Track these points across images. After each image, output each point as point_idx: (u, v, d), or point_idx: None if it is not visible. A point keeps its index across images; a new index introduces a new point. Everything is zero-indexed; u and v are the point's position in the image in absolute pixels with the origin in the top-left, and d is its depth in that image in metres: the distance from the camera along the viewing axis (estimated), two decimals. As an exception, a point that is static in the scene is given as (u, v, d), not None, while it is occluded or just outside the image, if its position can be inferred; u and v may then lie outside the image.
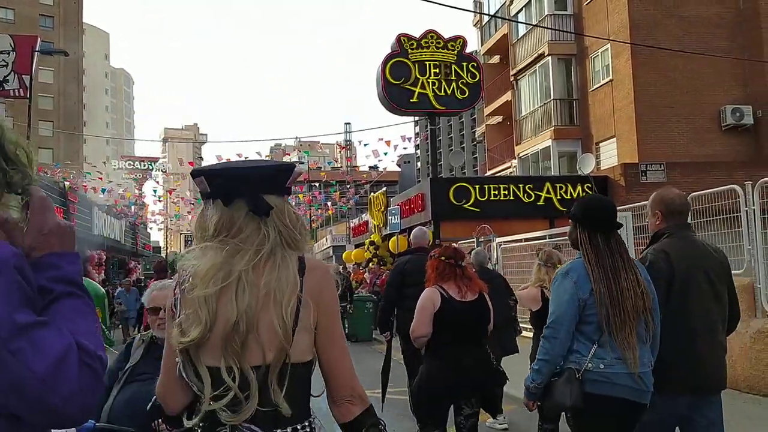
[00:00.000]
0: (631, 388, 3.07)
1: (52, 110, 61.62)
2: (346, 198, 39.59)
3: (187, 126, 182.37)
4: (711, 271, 3.49)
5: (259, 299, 1.72)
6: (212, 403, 1.71)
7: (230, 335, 1.70)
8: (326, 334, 1.81)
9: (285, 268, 1.76)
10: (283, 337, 1.71)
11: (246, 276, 1.73)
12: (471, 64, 20.11)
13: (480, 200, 18.93)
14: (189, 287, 1.76)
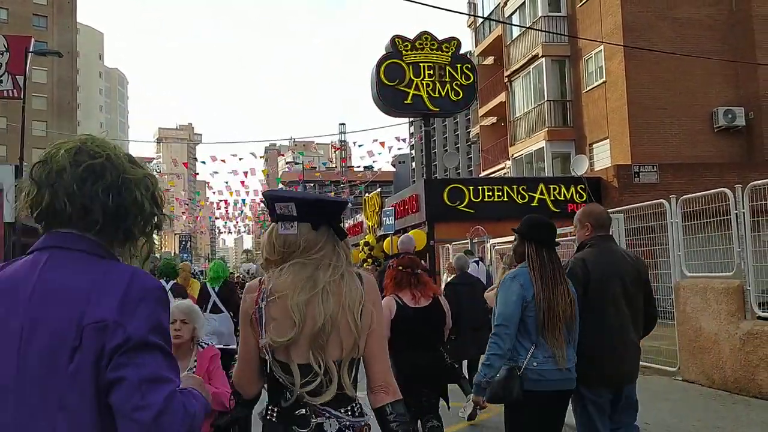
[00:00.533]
0: (559, 380, 3.59)
1: (45, 110, 61.43)
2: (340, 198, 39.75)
3: (182, 126, 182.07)
4: (626, 276, 3.91)
5: (339, 306, 2.13)
6: (301, 390, 2.10)
7: (317, 334, 2.10)
8: (376, 334, 2.23)
9: (353, 281, 2.20)
10: (358, 336, 2.15)
11: (329, 287, 2.14)
12: (465, 65, 20.16)
13: (474, 201, 19.00)
14: (279, 296, 2.13)
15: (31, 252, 1.58)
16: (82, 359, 1.40)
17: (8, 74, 24.11)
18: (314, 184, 65.20)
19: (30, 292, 1.46)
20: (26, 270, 1.51)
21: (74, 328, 1.41)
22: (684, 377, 8.31)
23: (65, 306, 1.44)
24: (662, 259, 9.20)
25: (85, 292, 1.44)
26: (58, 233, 1.56)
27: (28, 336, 1.42)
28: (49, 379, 1.40)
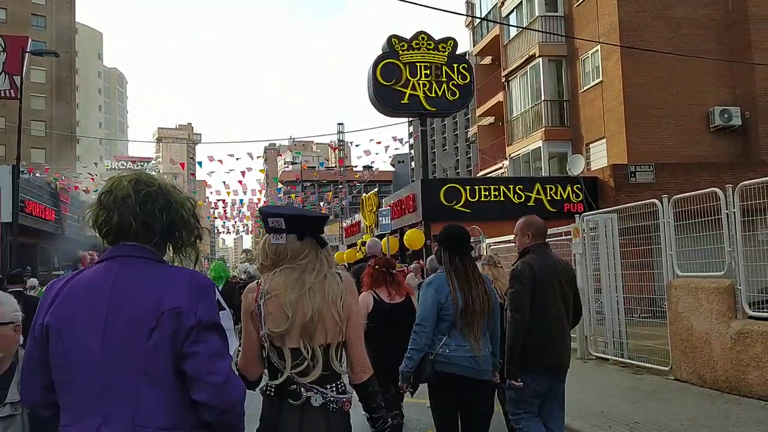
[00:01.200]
0: (469, 368, 4.11)
1: (44, 110, 61.42)
2: (339, 198, 39.64)
3: (181, 126, 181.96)
4: (561, 278, 4.62)
5: (324, 301, 2.61)
6: (291, 372, 2.56)
7: (306, 325, 2.57)
8: (354, 322, 2.70)
9: (334, 281, 2.68)
10: (341, 324, 2.63)
11: (315, 286, 2.62)
12: (462, 65, 20.19)
13: (470, 201, 19.02)
14: (274, 295, 2.60)
15: (100, 261, 2.05)
16: (160, 337, 1.90)
17: (5, 74, 24.15)
18: (313, 184, 65.16)
19: (110, 289, 1.95)
20: (102, 273, 2.00)
21: (152, 314, 1.90)
22: (676, 376, 8.34)
23: (141, 298, 1.93)
24: (654, 258, 9.23)
25: (158, 288, 1.94)
26: (126, 245, 2.03)
27: (111, 321, 1.91)
28: (130, 351, 1.89)
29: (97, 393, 1.91)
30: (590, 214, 10.84)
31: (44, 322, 1.99)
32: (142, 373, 1.91)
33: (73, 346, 1.94)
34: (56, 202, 26.60)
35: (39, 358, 2.01)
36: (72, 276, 2.07)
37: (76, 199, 30.53)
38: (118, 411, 1.90)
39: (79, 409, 1.94)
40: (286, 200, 52.44)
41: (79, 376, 1.93)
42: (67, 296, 2.00)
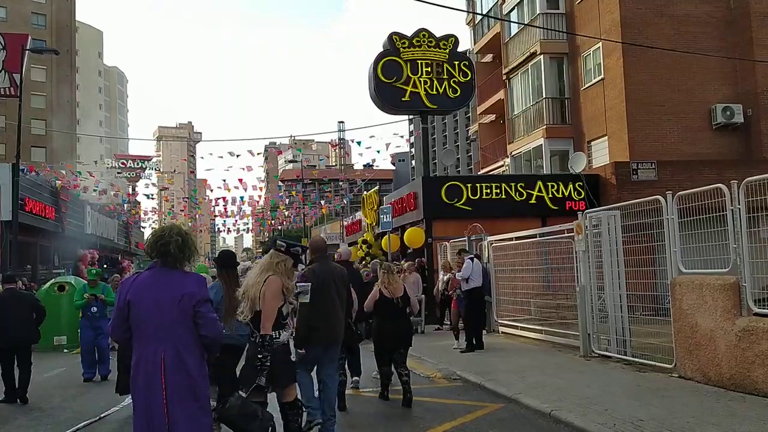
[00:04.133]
0: (230, 337, 5.59)
1: (44, 109, 61.37)
2: (339, 196, 39.57)
3: (182, 124, 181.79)
4: (337, 279, 6.57)
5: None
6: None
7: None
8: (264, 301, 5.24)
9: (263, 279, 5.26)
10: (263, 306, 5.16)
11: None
12: (463, 62, 20.12)
13: (472, 199, 18.97)
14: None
15: (150, 268, 4.23)
16: (184, 305, 4.03)
17: (5, 72, 24.10)
18: (313, 182, 65.00)
19: (158, 283, 4.08)
20: (152, 276, 4.14)
21: (179, 295, 4.03)
22: (680, 374, 8.29)
23: (174, 288, 4.06)
24: (657, 255, 9.18)
25: (181, 282, 4.10)
26: (167, 260, 4.15)
27: (161, 302, 4.02)
28: (170, 312, 4.01)
29: (154, 332, 4.03)
30: (593, 211, 10.78)
31: (127, 298, 4.10)
32: (176, 322, 4.04)
33: (141, 309, 4.07)
34: (56, 200, 26.54)
35: (123, 317, 4.11)
36: (136, 275, 4.31)
37: (76, 197, 30.47)
38: (165, 340, 4.02)
39: (144, 340, 4.06)
40: (286, 198, 52.49)
41: (145, 324, 4.05)
42: (137, 284, 4.16)
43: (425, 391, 8.75)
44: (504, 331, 14.03)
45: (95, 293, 10.70)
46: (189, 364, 4.01)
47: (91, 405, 8.67)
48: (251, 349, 5.12)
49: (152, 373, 3.95)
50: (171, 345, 3.99)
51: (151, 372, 3.96)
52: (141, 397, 4.00)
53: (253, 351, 5.07)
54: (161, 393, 3.93)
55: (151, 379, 3.95)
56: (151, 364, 3.97)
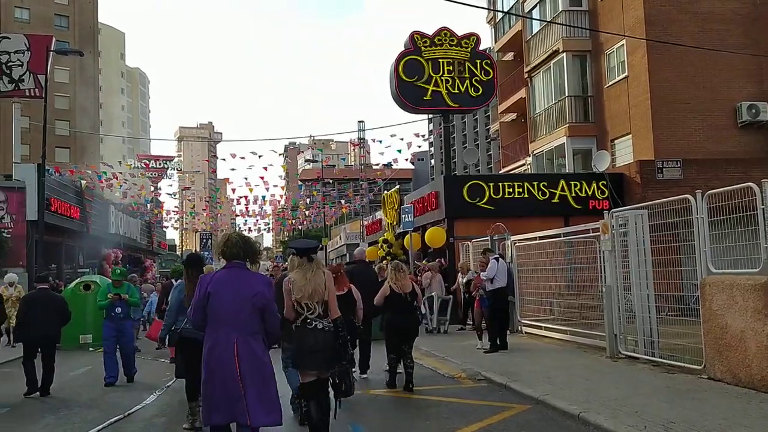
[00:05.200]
0: (191, 330, 6.38)
1: (68, 110, 62.06)
2: (360, 196, 39.53)
3: (202, 125, 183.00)
4: None
5: (317, 284, 5.66)
6: (308, 315, 5.63)
7: (312, 295, 5.63)
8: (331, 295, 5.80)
9: (321, 273, 5.74)
10: (326, 295, 5.71)
11: (313, 276, 5.69)
12: (485, 61, 20.01)
13: (494, 198, 18.87)
14: (293, 282, 5.71)
15: (225, 268, 5.14)
16: (254, 302, 4.93)
17: (30, 73, 24.43)
18: (333, 181, 65.08)
19: (234, 280, 4.99)
20: (228, 273, 5.06)
21: (253, 294, 4.95)
22: (709, 375, 8.16)
23: (247, 286, 4.98)
24: (687, 255, 9.04)
25: (251, 282, 5.03)
26: (235, 262, 5.10)
27: (235, 293, 4.93)
28: (243, 305, 4.91)
29: (228, 320, 4.86)
30: (620, 210, 10.65)
31: (207, 290, 4.93)
32: (247, 314, 4.89)
33: (219, 301, 4.90)
34: (81, 200, 26.86)
35: (203, 306, 4.92)
36: (214, 273, 5.16)
37: (101, 197, 30.82)
38: (238, 327, 4.84)
39: (218, 327, 4.87)
40: (307, 198, 52.66)
41: (221, 314, 4.88)
42: (215, 280, 5.01)
43: (450, 392, 8.71)
44: (527, 331, 13.94)
45: (119, 293, 10.56)
46: (255, 348, 4.87)
47: (118, 403, 8.74)
48: (322, 334, 5.60)
49: (227, 354, 4.76)
50: (241, 332, 4.83)
51: (226, 353, 4.77)
52: (215, 372, 4.78)
53: (324, 336, 5.61)
54: (235, 369, 4.72)
55: (227, 358, 4.75)
56: (224, 347, 4.79)
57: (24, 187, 22.10)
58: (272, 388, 4.91)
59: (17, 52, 24.24)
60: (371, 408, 7.99)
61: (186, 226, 66.18)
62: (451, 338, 14.70)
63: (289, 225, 49.87)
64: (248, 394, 4.70)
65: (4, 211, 22.15)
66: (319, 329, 5.56)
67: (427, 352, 12.40)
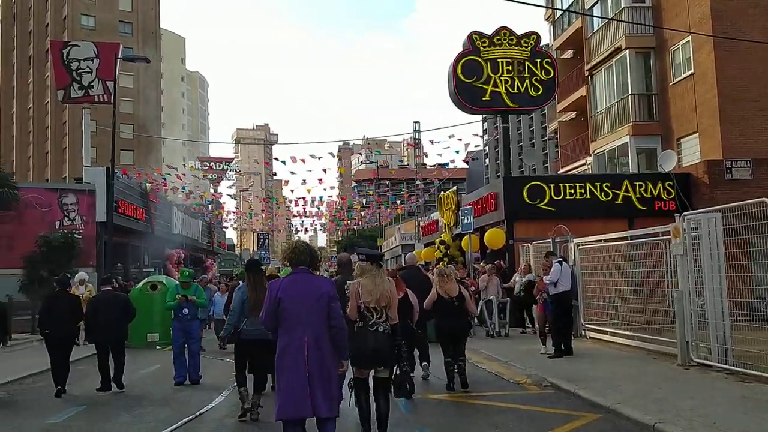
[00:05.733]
0: (252, 331, 7.59)
1: (132, 114, 64.02)
2: (416, 196, 39.47)
3: (258, 126, 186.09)
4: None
5: (383, 289, 6.28)
6: (375, 318, 6.25)
7: (380, 299, 6.23)
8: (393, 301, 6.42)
9: (385, 278, 6.38)
10: (390, 300, 6.35)
11: (379, 281, 6.30)
12: (545, 60, 19.69)
13: (555, 199, 18.56)
14: (362, 286, 6.33)
15: (292, 273, 5.43)
16: (322, 303, 5.18)
17: (99, 80, 25.29)
18: (387, 182, 65.28)
19: (301, 284, 5.27)
20: (296, 278, 5.33)
21: (319, 294, 5.20)
22: (790, 386, 7.82)
23: (314, 288, 5.25)
24: (762, 261, 8.69)
25: (318, 284, 5.34)
26: (301, 268, 5.38)
27: (304, 295, 5.20)
28: (312, 308, 5.17)
29: (299, 322, 5.12)
30: (692, 213, 10.30)
31: (277, 296, 5.19)
32: (316, 315, 5.15)
33: (289, 304, 5.16)
34: (146, 202, 27.66)
35: (274, 311, 5.18)
36: (283, 279, 5.56)
37: (164, 199, 31.66)
38: (308, 327, 5.12)
39: (290, 328, 5.15)
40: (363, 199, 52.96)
41: (292, 316, 5.15)
42: (285, 285, 5.29)
43: (517, 398, 8.60)
44: (591, 336, 13.64)
45: (187, 294, 10.77)
46: (323, 346, 5.15)
47: (188, 402, 8.96)
48: (382, 336, 6.18)
49: (299, 352, 5.08)
50: (312, 332, 5.12)
51: (297, 353, 5.09)
52: (287, 373, 5.11)
53: (383, 338, 6.18)
54: (305, 369, 5.03)
55: (298, 356, 5.08)
56: (296, 346, 5.10)
57: (94, 190, 22.89)
58: (336, 386, 5.30)
59: (86, 60, 25.13)
60: (437, 413, 7.96)
61: (244, 226, 67.50)
62: (512, 342, 14.53)
63: (345, 225, 50.15)
64: (315, 392, 5.02)
65: (75, 213, 23.00)
66: (379, 332, 6.13)
67: (489, 356, 12.28)
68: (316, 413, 5.09)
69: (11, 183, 22.84)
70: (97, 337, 10.24)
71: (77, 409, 8.68)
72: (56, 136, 64.78)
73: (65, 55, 25.37)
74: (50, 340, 10.09)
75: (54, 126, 65.15)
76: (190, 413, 8.10)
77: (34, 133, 68.33)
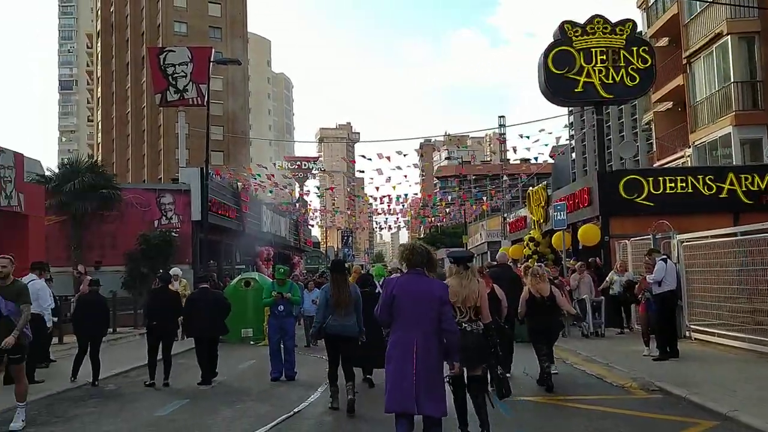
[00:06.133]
0: (336, 326, 8.23)
1: (221, 116, 66.12)
2: (502, 192, 38.80)
3: (341, 125, 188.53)
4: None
5: (470, 290, 6.30)
6: (460, 318, 6.20)
7: (465, 300, 6.28)
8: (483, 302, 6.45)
9: (476, 280, 6.41)
10: (478, 301, 6.37)
11: (468, 283, 6.33)
12: (642, 48, 18.74)
13: (654, 193, 17.72)
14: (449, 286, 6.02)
15: (407, 273, 5.74)
16: (434, 305, 5.36)
17: (193, 83, 26.15)
18: (469, 178, 64.58)
19: (415, 284, 5.49)
20: (410, 277, 5.59)
21: (432, 296, 5.39)
22: None
23: (427, 290, 5.43)
24: None
25: (431, 286, 5.50)
26: (416, 269, 5.61)
27: (418, 295, 5.40)
28: (425, 307, 5.36)
29: (410, 320, 5.33)
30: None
31: (392, 292, 5.43)
32: (427, 315, 5.31)
33: (403, 302, 5.38)
34: (237, 201, 28.42)
35: (388, 305, 5.41)
36: (399, 277, 5.87)
37: (254, 198, 32.44)
38: (417, 327, 5.29)
39: (404, 325, 5.35)
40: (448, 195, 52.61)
41: (404, 314, 5.37)
42: (400, 283, 5.53)
43: (622, 402, 8.19)
44: (697, 337, 12.91)
45: (282, 292, 10.90)
46: (432, 347, 5.32)
47: (285, 398, 9.05)
48: (471, 336, 6.29)
49: (408, 349, 5.26)
50: (421, 331, 5.30)
51: (407, 348, 5.26)
52: (396, 365, 5.31)
53: (472, 337, 6.30)
54: (412, 366, 5.19)
55: (407, 353, 5.25)
56: (406, 344, 5.29)
57: (189, 190, 23.69)
58: (442, 384, 5.45)
59: (181, 64, 26.04)
60: (539, 417, 7.69)
61: (328, 224, 68.42)
62: (610, 342, 13.95)
63: (429, 222, 49.92)
64: (420, 390, 5.18)
65: (172, 212, 23.89)
66: (468, 331, 6.23)
67: (589, 357, 11.82)
68: (420, 411, 5.23)
69: (114, 184, 23.96)
70: (196, 332, 10.65)
71: (181, 403, 8.93)
72: (152, 138, 67.75)
73: (162, 60, 26.37)
74: (153, 333, 10.52)
75: (150, 129, 68.17)
76: (288, 409, 8.16)
77: (131, 137, 71.75)
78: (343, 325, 8.18)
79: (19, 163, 13.28)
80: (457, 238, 65.25)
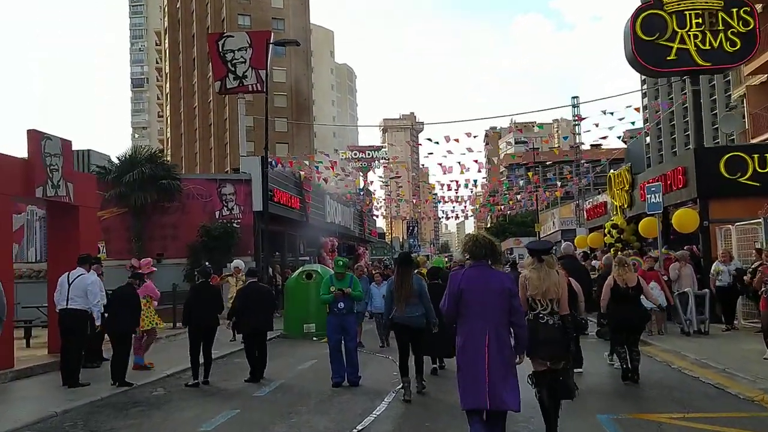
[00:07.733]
0: (401, 318, 8.48)
1: (285, 107, 65.95)
2: (579, 177, 36.64)
3: (404, 116, 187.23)
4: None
5: (550, 282, 6.17)
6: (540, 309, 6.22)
7: (546, 292, 6.17)
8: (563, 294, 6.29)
9: (554, 272, 6.27)
10: (559, 294, 6.24)
11: (544, 275, 6.19)
12: (743, 9, 16.60)
13: (760, 172, 15.66)
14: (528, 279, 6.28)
15: (472, 266, 5.54)
16: (504, 297, 5.31)
17: (252, 69, 25.30)
18: (538, 164, 62.07)
19: (483, 278, 5.37)
20: (477, 270, 5.44)
21: (500, 288, 5.32)
22: None
23: (498, 282, 5.37)
24: None
25: (500, 278, 5.45)
26: (481, 261, 5.48)
27: (485, 288, 5.32)
28: (493, 300, 5.29)
29: (479, 313, 5.26)
30: None
31: (459, 287, 5.34)
32: (497, 308, 5.26)
33: (472, 296, 5.30)
34: (300, 190, 27.54)
35: (456, 301, 5.34)
36: (465, 271, 5.54)
37: (318, 188, 31.54)
38: (488, 320, 5.24)
39: (472, 319, 5.29)
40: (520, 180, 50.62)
41: (474, 307, 5.29)
42: (466, 276, 5.40)
43: (760, 423, 6.63)
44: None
45: (342, 288, 9.64)
46: (503, 338, 5.24)
47: (348, 409, 7.87)
48: (552, 329, 6.08)
49: (479, 344, 5.17)
50: (493, 324, 5.22)
51: (478, 343, 5.18)
52: (468, 361, 5.22)
53: (553, 330, 6.08)
54: (485, 358, 5.12)
55: (478, 348, 5.16)
56: (478, 337, 5.19)
57: (250, 179, 22.88)
58: (514, 377, 5.27)
59: (240, 50, 25.20)
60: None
61: (393, 214, 67.29)
62: (717, 342, 12.18)
63: (498, 211, 48.01)
64: (492, 382, 5.10)
65: (233, 203, 23.13)
66: (549, 324, 6.07)
67: (698, 360, 10.16)
68: (499, 405, 5.12)
69: (174, 174, 23.39)
70: (247, 328, 10.38)
71: (230, 414, 7.84)
72: (218, 131, 68.29)
73: (220, 46, 25.61)
74: (193, 331, 10.06)
75: (216, 122, 68.71)
76: (350, 426, 6.97)
77: (199, 131, 72.54)
78: (408, 316, 8.35)
79: (67, 151, 12.48)
80: (526, 227, 62.91)
